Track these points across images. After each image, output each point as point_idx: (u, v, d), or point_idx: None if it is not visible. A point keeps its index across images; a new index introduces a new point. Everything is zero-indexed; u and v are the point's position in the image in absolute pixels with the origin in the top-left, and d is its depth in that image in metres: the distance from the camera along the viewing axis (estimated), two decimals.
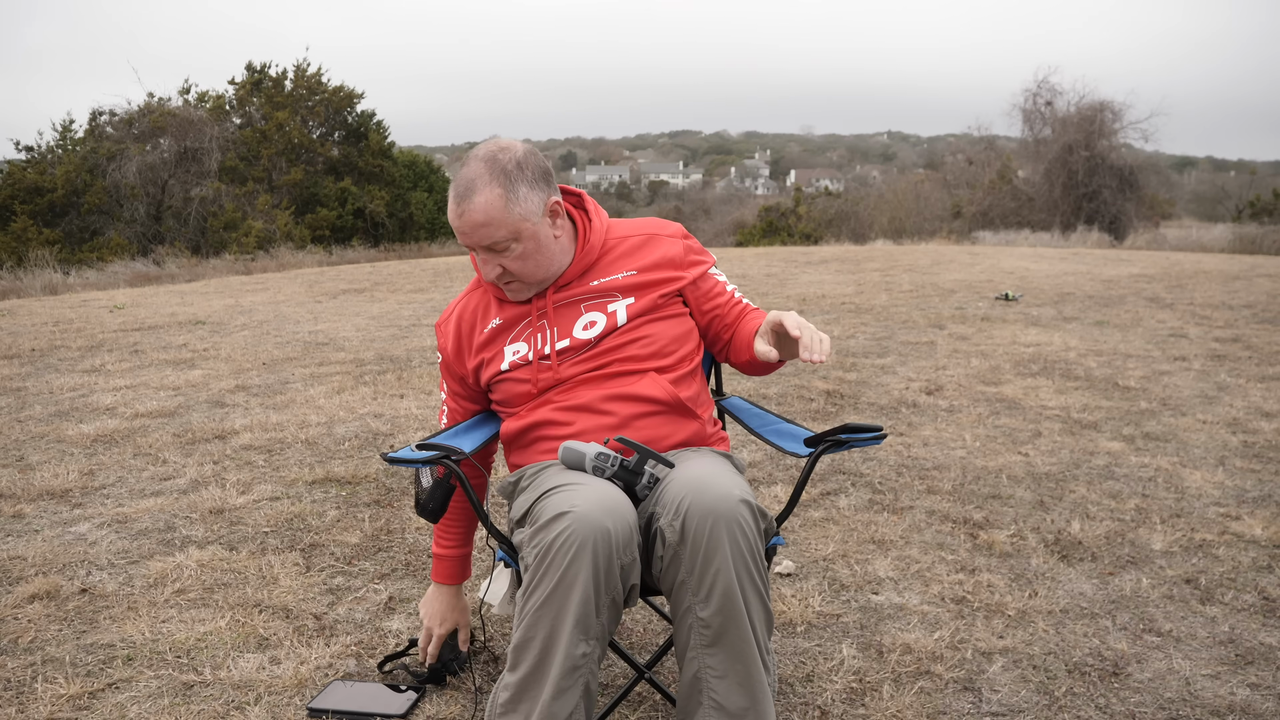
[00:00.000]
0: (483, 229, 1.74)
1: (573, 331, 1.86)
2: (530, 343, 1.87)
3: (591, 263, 1.90)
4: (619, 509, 1.56)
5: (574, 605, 1.49)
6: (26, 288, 11.85)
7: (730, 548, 1.53)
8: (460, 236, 1.78)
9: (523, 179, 1.77)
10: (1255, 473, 3.54)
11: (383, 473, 3.47)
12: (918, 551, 2.81)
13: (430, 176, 27.21)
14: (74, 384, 5.00)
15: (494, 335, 1.91)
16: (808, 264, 11.80)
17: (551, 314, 1.87)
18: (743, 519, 1.55)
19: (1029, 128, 28.74)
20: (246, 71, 24.56)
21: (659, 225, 2.00)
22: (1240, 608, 2.46)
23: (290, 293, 9.53)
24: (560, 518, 1.52)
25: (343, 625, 2.35)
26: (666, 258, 1.92)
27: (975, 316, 7.30)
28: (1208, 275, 10.33)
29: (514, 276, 1.82)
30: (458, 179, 1.78)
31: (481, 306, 1.96)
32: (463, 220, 1.75)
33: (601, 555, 1.50)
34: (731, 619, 1.54)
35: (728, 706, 1.55)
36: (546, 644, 1.51)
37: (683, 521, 1.55)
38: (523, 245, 1.78)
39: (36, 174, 21.18)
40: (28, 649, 2.22)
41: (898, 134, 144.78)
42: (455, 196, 1.76)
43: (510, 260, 1.79)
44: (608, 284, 1.88)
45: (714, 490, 1.56)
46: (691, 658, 1.58)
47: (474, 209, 1.74)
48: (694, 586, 1.55)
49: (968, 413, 4.37)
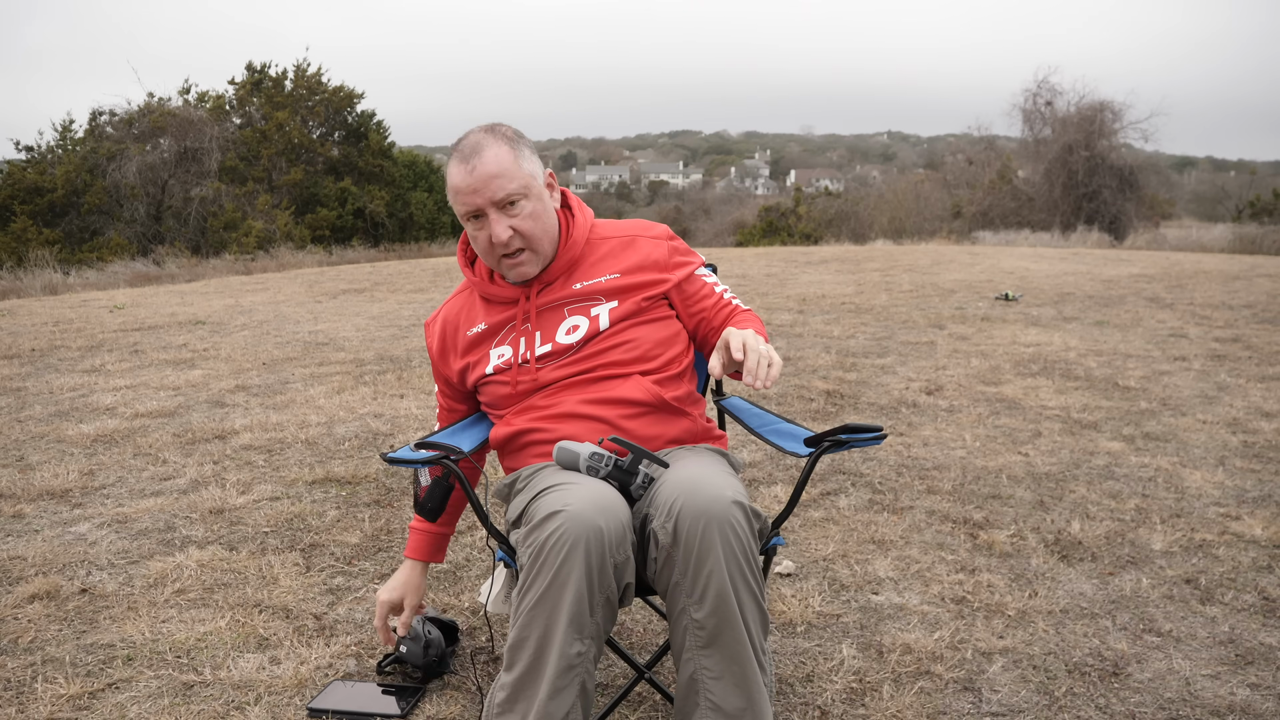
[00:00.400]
0: (496, 180, 1.74)
1: (555, 336, 1.85)
2: (514, 346, 1.87)
3: (575, 259, 1.89)
4: (612, 508, 1.56)
5: (567, 604, 1.49)
6: (26, 288, 11.85)
7: (723, 549, 1.53)
8: (468, 196, 1.75)
9: (524, 144, 1.81)
10: (1255, 473, 3.54)
11: (383, 473, 3.47)
12: (918, 551, 2.81)
13: (430, 176, 27.21)
14: (74, 384, 5.00)
15: (479, 339, 1.91)
16: (808, 264, 11.80)
17: (534, 318, 1.87)
18: (735, 520, 1.55)
19: (1029, 128, 28.76)
20: (246, 71, 24.56)
21: (643, 226, 1.99)
22: (1240, 608, 2.46)
23: (290, 293, 9.53)
24: (553, 517, 1.52)
25: (343, 625, 2.35)
26: (650, 259, 1.91)
27: (975, 316, 7.30)
28: (1208, 275, 10.33)
29: (525, 241, 1.80)
30: (460, 146, 1.78)
31: (467, 309, 1.96)
32: (474, 175, 1.74)
33: (594, 554, 1.50)
34: (726, 620, 1.54)
35: (724, 707, 1.55)
36: (541, 643, 1.51)
37: (675, 523, 1.55)
38: (532, 204, 1.78)
39: (36, 174, 21.18)
40: (28, 649, 2.22)
41: (898, 134, 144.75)
42: (461, 157, 1.76)
43: (521, 220, 1.78)
44: (590, 287, 1.87)
45: (706, 492, 1.56)
46: (687, 659, 1.58)
47: (485, 161, 1.74)
48: (688, 588, 1.55)
49: (968, 413, 4.37)
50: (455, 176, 1.76)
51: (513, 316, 1.89)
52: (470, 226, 1.81)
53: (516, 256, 1.82)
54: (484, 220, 1.78)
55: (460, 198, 1.77)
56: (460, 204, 1.78)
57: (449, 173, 1.79)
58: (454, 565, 2.70)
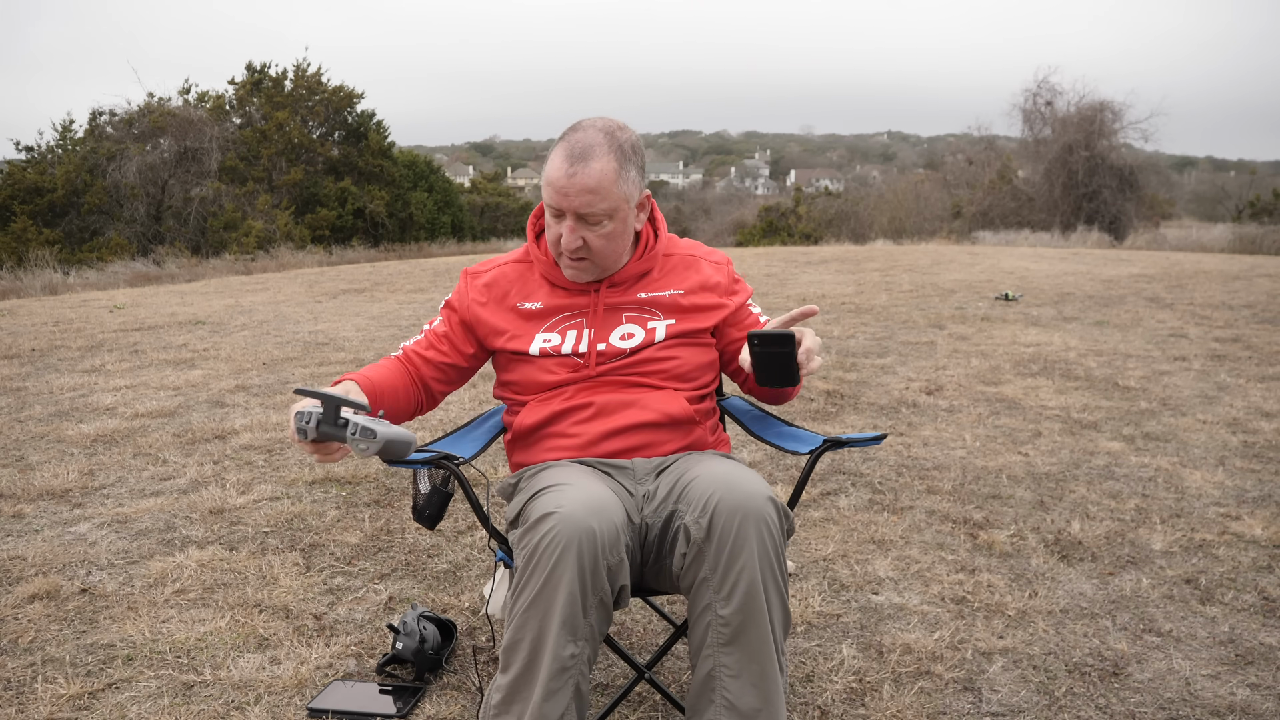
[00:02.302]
0: (588, 195, 1.72)
1: (609, 338, 1.85)
2: (565, 336, 1.86)
3: (647, 271, 1.90)
4: (605, 509, 1.55)
5: (560, 606, 1.49)
6: (26, 288, 11.85)
7: (757, 545, 1.53)
8: (556, 195, 1.73)
9: (634, 162, 1.77)
10: (1255, 473, 3.54)
11: (382, 473, 3.47)
12: (918, 551, 2.81)
13: (430, 176, 27.22)
14: (74, 384, 5.00)
15: (529, 315, 1.88)
16: (808, 264, 11.80)
17: (598, 315, 1.86)
18: (769, 517, 1.56)
19: (1029, 128, 28.76)
20: (246, 71, 24.58)
21: (705, 250, 2.02)
22: (1240, 608, 2.46)
23: (290, 293, 9.53)
24: (546, 519, 1.52)
25: (343, 625, 2.35)
26: (712, 282, 1.93)
27: (975, 316, 7.30)
28: (1208, 275, 10.33)
29: (591, 254, 1.79)
30: (572, 140, 1.74)
31: (522, 281, 1.92)
32: (572, 181, 1.71)
33: (587, 556, 1.50)
34: (751, 617, 1.54)
35: (740, 706, 1.55)
36: (535, 645, 1.51)
37: (710, 518, 1.55)
38: (613, 225, 1.77)
39: (36, 174, 21.19)
40: (28, 649, 2.22)
41: (898, 134, 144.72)
42: (568, 156, 1.72)
43: (596, 236, 1.77)
44: (653, 299, 1.89)
45: (743, 488, 1.57)
46: (706, 655, 1.57)
47: (589, 173, 1.71)
48: (716, 584, 1.55)
49: (968, 413, 4.37)
50: (554, 170, 1.73)
51: (573, 306, 1.87)
52: (549, 214, 1.80)
53: (577, 261, 1.82)
54: (563, 220, 1.77)
55: (550, 191, 1.74)
56: (547, 195, 1.75)
57: (551, 158, 1.75)
58: (454, 565, 2.70)
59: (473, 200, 31.26)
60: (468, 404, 4.49)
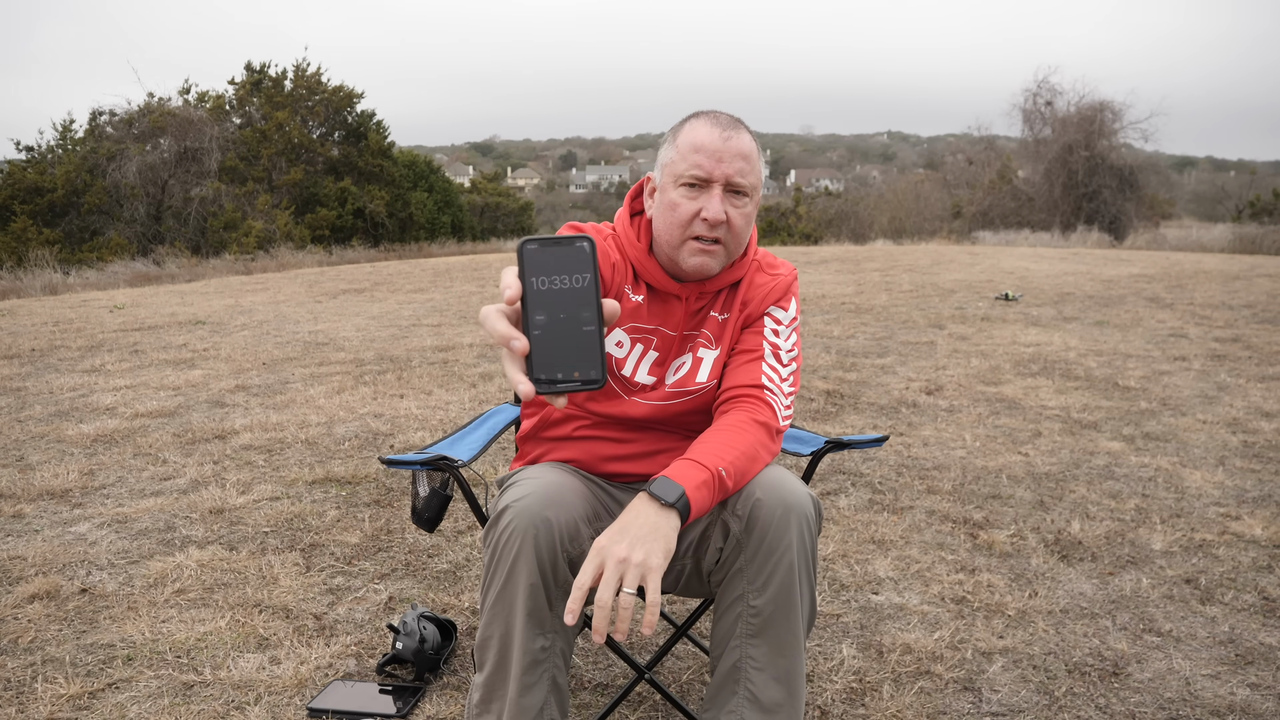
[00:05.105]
0: (742, 161, 1.61)
1: (669, 365, 1.73)
2: (634, 346, 1.71)
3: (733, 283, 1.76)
4: (563, 500, 1.53)
5: (522, 599, 1.48)
6: (26, 288, 11.85)
7: (795, 537, 1.53)
8: (710, 161, 1.59)
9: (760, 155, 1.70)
10: (1255, 473, 3.54)
11: (382, 473, 3.47)
12: (918, 551, 2.81)
13: (430, 176, 27.20)
14: (74, 384, 5.00)
15: (628, 309, 1.70)
16: (808, 264, 11.79)
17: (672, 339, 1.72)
18: (809, 515, 1.56)
19: (1029, 128, 28.77)
20: (246, 71, 24.57)
21: (777, 263, 1.84)
22: (1240, 608, 2.46)
23: (290, 293, 9.53)
24: (504, 512, 1.50)
25: (343, 625, 2.35)
26: (765, 292, 1.77)
27: (975, 316, 7.30)
28: (1208, 275, 10.33)
29: (730, 234, 1.64)
30: (711, 112, 1.65)
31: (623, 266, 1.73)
32: (728, 145, 1.60)
33: (544, 546, 1.47)
34: (782, 609, 1.53)
35: (763, 700, 1.54)
36: (504, 641, 1.51)
37: (751, 509, 1.53)
38: (752, 207, 1.67)
39: (36, 174, 21.18)
40: (28, 649, 2.22)
41: (898, 134, 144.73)
42: (718, 124, 1.62)
43: (739, 213, 1.63)
44: (715, 321, 1.75)
45: (786, 485, 1.57)
46: (733, 647, 1.56)
47: (742, 141, 1.62)
48: (751, 575, 1.54)
49: (968, 413, 4.37)
50: (704, 134, 1.60)
51: (657, 316, 1.71)
52: (680, 192, 1.62)
53: (711, 245, 1.64)
54: (706, 193, 1.61)
55: (698, 157, 1.59)
56: (692, 163, 1.59)
57: (693, 128, 1.62)
58: (454, 565, 2.70)
59: (473, 200, 31.24)
60: (468, 404, 4.49)
